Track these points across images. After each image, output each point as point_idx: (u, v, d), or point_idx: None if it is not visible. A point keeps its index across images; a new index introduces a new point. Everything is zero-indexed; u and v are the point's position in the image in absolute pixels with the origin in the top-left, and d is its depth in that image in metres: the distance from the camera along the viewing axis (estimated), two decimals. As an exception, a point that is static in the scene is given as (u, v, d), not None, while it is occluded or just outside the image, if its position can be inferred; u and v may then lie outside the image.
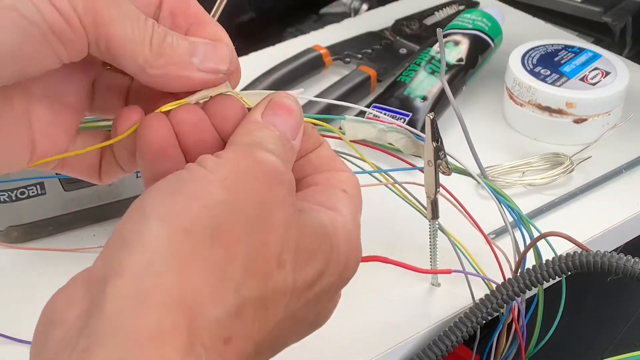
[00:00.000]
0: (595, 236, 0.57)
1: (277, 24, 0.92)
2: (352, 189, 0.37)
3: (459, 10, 0.81)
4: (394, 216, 0.54)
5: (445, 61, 0.69)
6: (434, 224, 0.50)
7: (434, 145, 0.46)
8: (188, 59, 0.34)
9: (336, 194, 0.36)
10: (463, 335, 0.47)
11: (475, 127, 0.68)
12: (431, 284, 0.53)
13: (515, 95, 0.67)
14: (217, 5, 0.56)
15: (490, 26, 0.73)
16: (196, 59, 0.34)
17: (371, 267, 0.52)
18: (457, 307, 0.51)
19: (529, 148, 0.66)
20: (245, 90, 0.46)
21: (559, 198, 0.60)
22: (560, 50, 0.69)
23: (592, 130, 0.65)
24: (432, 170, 0.47)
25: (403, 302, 0.52)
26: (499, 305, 0.47)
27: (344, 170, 0.38)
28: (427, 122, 0.45)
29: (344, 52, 0.75)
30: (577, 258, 0.44)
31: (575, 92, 0.65)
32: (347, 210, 0.35)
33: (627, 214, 0.59)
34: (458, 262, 0.51)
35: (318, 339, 0.50)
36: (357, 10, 0.92)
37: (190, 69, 0.34)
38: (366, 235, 0.56)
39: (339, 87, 0.70)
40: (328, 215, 0.34)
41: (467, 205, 0.51)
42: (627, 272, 0.43)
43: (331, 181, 0.37)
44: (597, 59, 0.68)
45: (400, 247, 0.55)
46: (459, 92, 0.70)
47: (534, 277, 0.46)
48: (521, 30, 0.79)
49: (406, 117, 0.65)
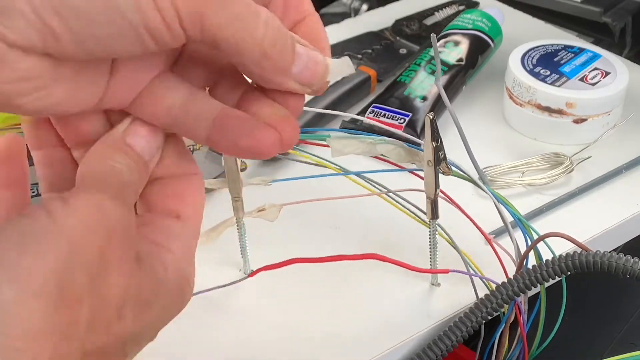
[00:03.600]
0: (595, 236, 0.57)
1: (277, 24, 0.92)
2: (189, 208, 0.36)
3: (458, 11, 0.81)
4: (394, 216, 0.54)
5: (446, 61, 0.70)
6: (434, 224, 0.50)
7: (433, 145, 0.46)
8: (289, 67, 0.34)
9: (168, 228, 0.35)
10: (463, 335, 0.47)
11: (475, 127, 0.68)
12: (431, 284, 0.53)
13: (515, 95, 0.67)
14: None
15: (490, 26, 0.73)
16: (295, 69, 0.34)
17: (371, 267, 0.52)
18: (457, 307, 0.51)
19: (529, 148, 0.66)
20: None
21: (559, 198, 0.60)
22: (560, 50, 0.69)
23: (592, 130, 0.65)
24: (432, 170, 0.47)
25: (403, 302, 0.52)
26: (499, 305, 0.47)
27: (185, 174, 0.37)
28: (427, 122, 0.45)
29: (344, 52, 0.76)
30: (577, 258, 0.44)
31: (575, 92, 0.65)
32: (178, 246, 0.35)
33: (627, 214, 0.59)
34: (458, 262, 0.52)
35: (318, 339, 0.50)
36: (357, 11, 0.92)
37: (287, 77, 0.34)
38: (366, 235, 0.57)
39: (339, 87, 0.70)
40: (161, 259, 0.34)
41: (467, 205, 0.51)
42: (627, 272, 0.43)
43: (167, 204, 0.36)
44: (597, 59, 0.68)
45: (400, 247, 0.55)
46: (458, 92, 0.70)
47: (534, 277, 0.46)
48: (521, 30, 0.79)
49: (406, 117, 0.65)
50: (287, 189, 0.52)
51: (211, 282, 0.51)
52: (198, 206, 0.37)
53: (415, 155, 0.47)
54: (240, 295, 0.52)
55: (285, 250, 0.52)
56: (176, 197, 0.37)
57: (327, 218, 0.58)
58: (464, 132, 0.49)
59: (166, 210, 0.36)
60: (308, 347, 0.49)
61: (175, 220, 0.36)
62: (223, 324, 0.51)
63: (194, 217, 0.37)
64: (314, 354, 0.49)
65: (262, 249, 0.54)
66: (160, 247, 0.35)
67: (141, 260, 0.33)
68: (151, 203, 0.37)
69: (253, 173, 0.62)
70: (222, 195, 0.52)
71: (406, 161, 0.48)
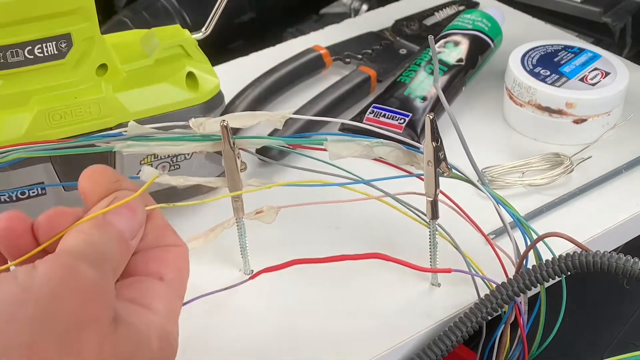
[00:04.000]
0: (595, 236, 0.57)
1: (277, 24, 0.92)
2: (172, 271, 0.37)
3: (458, 11, 0.81)
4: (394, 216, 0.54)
5: (446, 61, 0.70)
6: (434, 224, 0.50)
7: (433, 146, 0.46)
8: None
9: (151, 288, 0.36)
10: (463, 335, 0.47)
11: (475, 127, 0.68)
12: (431, 284, 0.53)
13: (515, 95, 0.67)
14: (217, 5, 0.56)
15: (490, 26, 0.73)
16: None
17: (371, 267, 0.52)
18: (457, 307, 0.51)
19: (529, 148, 0.66)
20: (230, 114, 0.47)
21: (559, 198, 0.60)
22: (560, 50, 0.69)
23: (592, 130, 0.65)
24: (432, 170, 0.47)
25: (403, 302, 0.52)
26: (499, 305, 0.47)
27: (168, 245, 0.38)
28: (427, 122, 0.45)
29: (344, 52, 0.76)
30: (577, 258, 0.44)
31: (575, 92, 0.65)
32: (162, 305, 0.35)
33: (627, 214, 0.59)
34: (458, 262, 0.52)
35: (318, 338, 0.50)
36: (357, 11, 0.92)
37: None
38: (366, 236, 0.57)
39: (339, 87, 0.70)
40: (142, 318, 0.34)
41: (467, 205, 0.51)
42: (627, 272, 0.43)
43: (149, 266, 0.37)
44: (596, 59, 0.68)
45: (400, 247, 0.55)
46: (458, 93, 0.70)
47: (534, 277, 0.46)
48: (521, 30, 0.79)
49: (406, 118, 0.65)
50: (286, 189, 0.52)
51: (211, 282, 0.51)
52: (182, 271, 0.37)
53: (414, 157, 0.47)
54: (239, 294, 0.52)
55: (285, 250, 0.52)
56: (159, 261, 0.37)
57: (327, 218, 0.58)
58: (464, 132, 0.49)
59: (149, 273, 0.36)
60: (308, 347, 0.49)
61: (158, 281, 0.36)
62: (223, 324, 0.51)
63: (178, 280, 0.37)
64: (314, 353, 0.49)
65: (262, 249, 0.54)
66: (142, 307, 0.35)
67: (120, 320, 0.33)
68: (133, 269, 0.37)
69: (252, 173, 0.62)
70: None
71: (404, 163, 0.48)
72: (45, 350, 0.30)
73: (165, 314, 0.36)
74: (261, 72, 0.72)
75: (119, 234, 0.35)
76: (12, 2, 0.47)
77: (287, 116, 0.47)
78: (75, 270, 0.32)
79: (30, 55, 0.49)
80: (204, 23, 0.57)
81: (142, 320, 0.34)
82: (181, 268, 0.37)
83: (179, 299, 0.37)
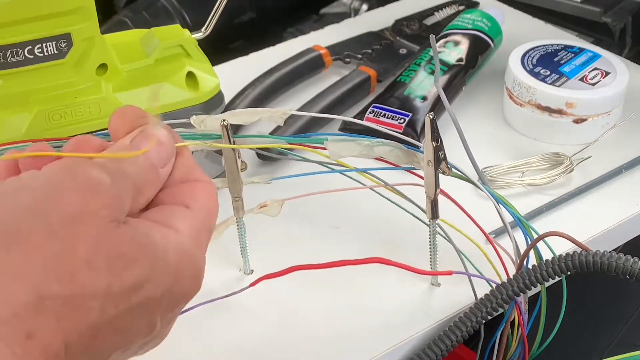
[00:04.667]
0: (595, 236, 0.57)
1: (277, 24, 0.92)
2: (199, 201, 0.37)
3: (458, 11, 0.81)
4: (394, 215, 0.54)
5: (446, 61, 0.70)
6: (434, 224, 0.50)
7: (433, 145, 0.46)
8: None
9: (176, 212, 0.36)
10: (463, 334, 0.47)
11: (475, 127, 0.68)
12: (431, 284, 0.53)
13: (515, 95, 0.67)
14: (217, 5, 0.56)
15: (490, 26, 0.73)
16: None
17: (371, 268, 0.52)
18: (457, 307, 0.51)
19: (529, 148, 0.66)
20: (230, 111, 0.47)
21: (559, 198, 0.60)
22: (560, 50, 0.69)
23: (592, 130, 0.65)
24: (432, 170, 0.47)
25: (403, 302, 0.52)
26: (499, 305, 0.47)
27: (197, 180, 0.38)
28: (427, 122, 0.45)
29: (344, 52, 0.75)
30: (577, 258, 0.44)
31: (575, 92, 0.65)
32: (185, 227, 0.35)
33: (627, 214, 0.59)
34: (458, 262, 0.52)
35: (318, 338, 0.50)
36: (357, 10, 0.92)
37: None
38: (366, 235, 0.57)
39: (339, 87, 0.70)
40: (160, 231, 0.34)
41: (467, 204, 0.51)
42: (627, 272, 0.43)
43: (177, 197, 0.36)
44: (596, 59, 0.68)
45: (400, 247, 0.55)
46: (458, 92, 0.70)
47: (534, 276, 0.46)
48: (521, 30, 0.79)
49: (406, 117, 0.65)
50: (286, 187, 0.52)
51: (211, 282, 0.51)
52: (211, 202, 0.37)
53: (414, 156, 0.47)
54: (240, 295, 0.52)
55: (285, 250, 0.52)
56: (186, 192, 0.37)
57: (327, 217, 0.58)
58: (464, 132, 0.49)
59: (175, 201, 0.36)
60: (308, 347, 0.49)
61: (184, 208, 0.36)
62: (223, 324, 0.51)
63: (205, 210, 0.37)
64: (314, 353, 0.49)
65: (262, 248, 0.54)
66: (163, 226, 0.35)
67: (129, 224, 0.33)
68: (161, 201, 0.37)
69: (253, 173, 0.61)
70: (222, 195, 0.52)
71: (404, 163, 0.48)
72: (31, 238, 0.31)
73: (188, 235, 0.35)
74: (261, 72, 0.72)
75: (145, 156, 0.35)
76: (12, 2, 0.47)
77: (288, 113, 0.47)
78: (76, 169, 0.33)
79: (30, 55, 0.49)
80: (204, 23, 0.57)
81: (161, 233, 0.34)
82: (209, 199, 0.37)
83: (205, 229, 0.37)
